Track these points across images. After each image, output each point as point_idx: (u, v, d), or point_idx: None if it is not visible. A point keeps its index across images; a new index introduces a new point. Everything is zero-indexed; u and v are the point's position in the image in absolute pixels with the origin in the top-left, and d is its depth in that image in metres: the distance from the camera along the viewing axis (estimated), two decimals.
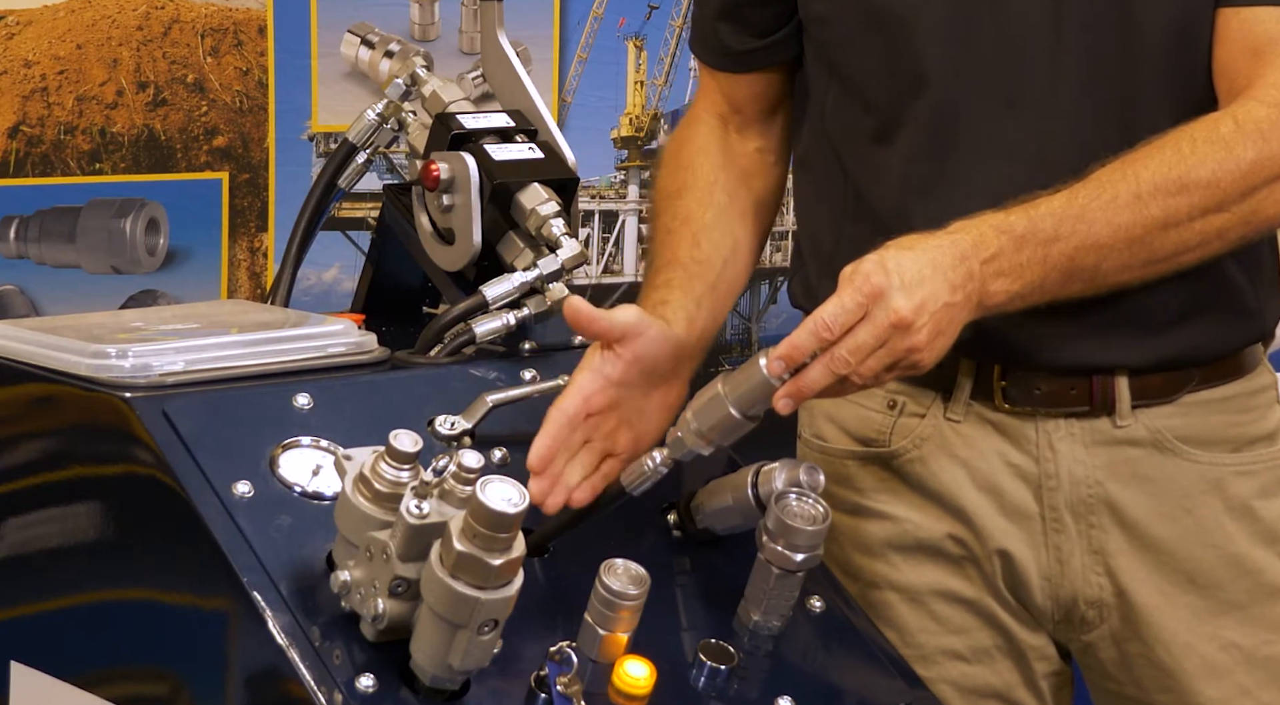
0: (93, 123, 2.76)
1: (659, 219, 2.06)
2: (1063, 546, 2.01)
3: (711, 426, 1.74)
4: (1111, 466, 2.01)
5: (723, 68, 2.12)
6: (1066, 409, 1.99)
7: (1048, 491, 2.01)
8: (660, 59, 3.30)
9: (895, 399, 2.04)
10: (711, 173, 2.09)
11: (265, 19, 2.89)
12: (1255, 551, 2.03)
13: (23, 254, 2.74)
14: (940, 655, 2.04)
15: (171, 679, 1.78)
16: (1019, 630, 2.05)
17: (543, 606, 1.78)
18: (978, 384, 2.00)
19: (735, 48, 2.10)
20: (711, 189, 2.07)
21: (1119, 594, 2.02)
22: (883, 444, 2.06)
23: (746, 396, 1.72)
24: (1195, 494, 2.02)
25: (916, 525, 2.04)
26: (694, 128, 2.14)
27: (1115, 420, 2.00)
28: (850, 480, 2.07)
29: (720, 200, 2.07)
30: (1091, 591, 2.02)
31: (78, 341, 1.86)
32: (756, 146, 2.14)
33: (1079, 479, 2.00)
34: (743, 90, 2.12)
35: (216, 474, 1.73)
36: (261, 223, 2.92)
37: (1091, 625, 2.04)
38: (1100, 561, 2.01)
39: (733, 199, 2.08)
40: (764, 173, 2.14)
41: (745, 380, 1.72)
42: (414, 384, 1.92)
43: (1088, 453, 2.00)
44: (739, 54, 2.10)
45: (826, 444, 2.10)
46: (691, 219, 2.04)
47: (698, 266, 2.00)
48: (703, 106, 2.15)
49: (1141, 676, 2.04)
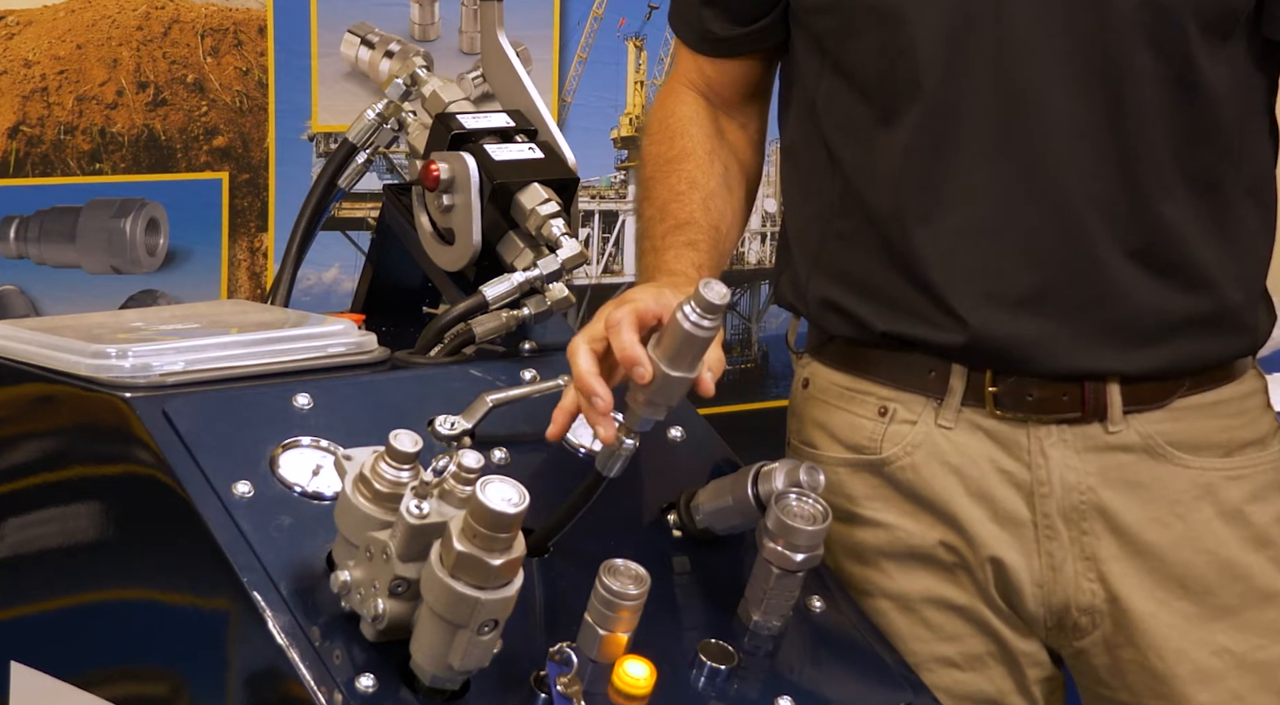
0: (93, 123, 2.76)
1: (662, 181, 2.06)
2: (1055, 553, 2.01)
3: (656, 390, 1.74)
4: (1103, 472, 2.00)
5: (703, 52, 2.12)
6: (1058, 415, 1.99)
7: (1040, 498, 2.00)
8: (660, 59, 3.30)
9: (886, 405, 2.04)
10: (708, 142, 2.09)
11: (265, 19, 2.89)
12: (1247, 556, 2.03)
13: (23, 254, 2.74)
14: (933, 662, 2.04)
15: (171, 679, 1.78)
16: (1012, 637, 2.04)
17: (543, 606, 1.78)
18: (969, 390, 2.00)
19: (718, 33, 2.10)
20: (711, 158, 2.08)
21: (1111, 600, 2.01)
22: (874, 451, 2.05)
23: (674, 353, 1.72)
24: (1187, 499, 2.02)
25: (908, 533, 2.04)
26: (679, 98, 2.13)
27: (1107, 426, 1.99)
28: (841, 488, 2.06)
29: (719, 170, 2.08)
30: (1084, 598, 2.01)
31: (78, 341, 1.86)
32: (741, 122, 2.14)
33: (1071, 485, 2.00)
34: (722, 75, 2.12)
35: (216, 474, 1.73)
36: (261, 223, 2.92)
37: (1084, 631, 2.03)
38: (1092, 568, 2.01)
39: (727, 170, 2.10)
40: (749, 149, 2.14)
41: (670, 337, 1.72)
42: (414, 384, 1.92)
43: (1080, 459, 2.00)
44: (721, 39, 2.10)
45: (817, 451, 2.09)
46: (698, 184, 2.05)
47: (714, 231, 2.02)
48: (681, 81, 2.15)
49: (1134, 682, 2.04)
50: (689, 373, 1.73)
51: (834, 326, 2.06)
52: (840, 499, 2.05)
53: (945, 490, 2.01)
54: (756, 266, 3.44)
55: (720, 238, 2.03)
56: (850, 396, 2.06)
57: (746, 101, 2.15)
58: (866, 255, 2.00)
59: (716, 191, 2.06)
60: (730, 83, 2.13)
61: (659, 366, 1.72)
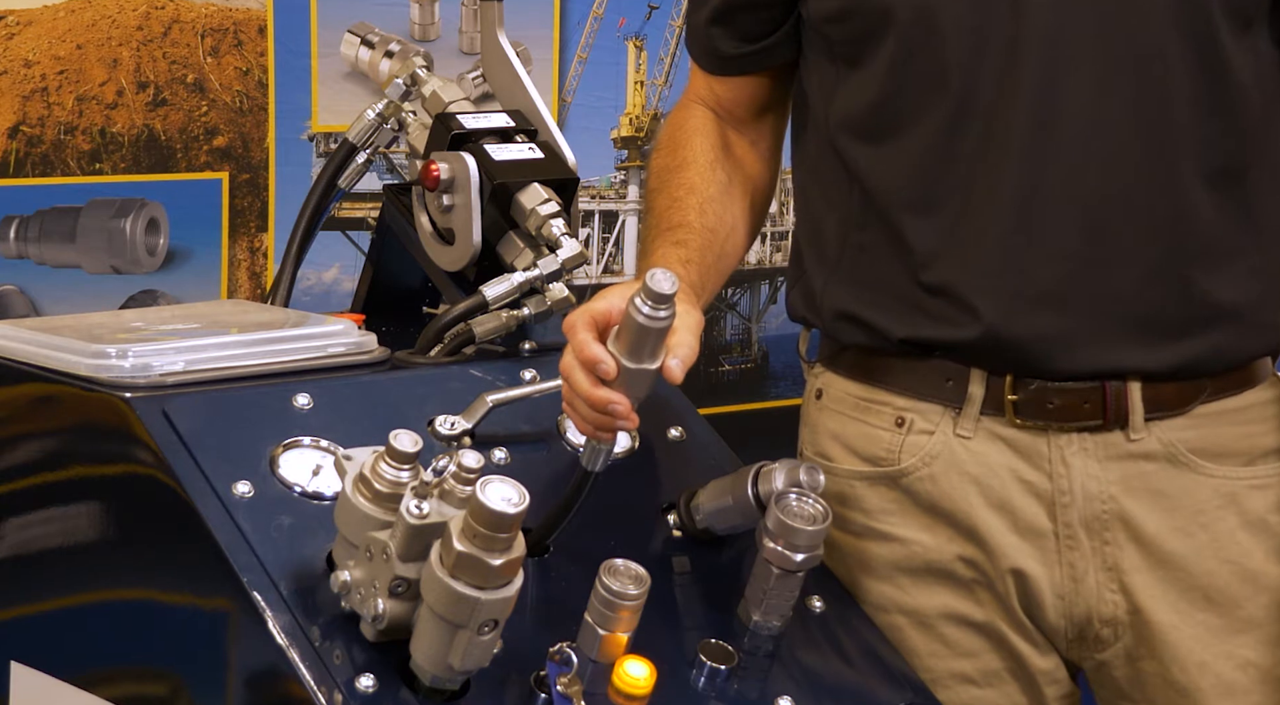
0: (93, 123, 2.76)
1: (663, 191, 2.06)
2: (1076, 564, 1.98)
3: (621, 385, 1.74)
4: (1125, 481, 1.97)
5: (712, 70, 2.12)
6: (1079, 422, 1.96)
7: (1061, 508, 1.97)
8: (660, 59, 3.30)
9: (903, 416, 2.01)
10: (711, 152, 2.09)
11: (265, 19, 2.89)
12: (1272, 567, 2.00)
13: (23, 254, 2.74)
14: (950, 679, 2.01)
15: (171, 679, 1.78)
16: (1030, 653, 2.02)
17: (543, 606, 1.78)
18: (988, 398, 1.97)
19: (726, 51, 2.09)
20: (713, 167, 2.07)
21: (1133, 611, 1.99)
22: (891, 462, 2.02)
23: (632, 346, 1.73)
24: (1210, 509, 1.99)
25: (925, 547, 2.01)
26: (689, 112, 2.13)
27: (1129, 433, 1.97)
28: (857, 502, 2.04)
29: (721, 179, 2.07)
30: (1106, 609, 1.99)
31: (78, 341, 1.86)
32: (751, 139, 2.13)
33: (1093, 494, 1.97)
34: (732, 93, 2.12)
35: (216, 474, 1.73)
36: (261, 223, 2.92)
37: (1106, 643, 2.01)
38: (1114, 578, 1.98)
39: (731, 181, 2.09)
40: (759, 164, 2.13)
41: (625, 331, 1.72)
42: (414, 384, 1.92)
43: (1101, 467, 1.97)
44: (729, 58, 2.10)
45: (832, 464, 2.06)
46: (696, 189, 2.04)
47: (709, 234, 2.01)
48: (692, 98, 2.15)
49: (1156, 696, 2.01)
50: (651, 364, 1.74)
51: (850, 337, 2.03)
52: (856, 513, 2.03)
53: (964, 501, 1.99)
54: (756, 266, 3.44)
55: (716, 240, 2.02)
56: (866, 407, 2.03)
57: (757, 118, 2.14)
58: (886, 263, 1.99)
59: (715, 197, 2.05)
60: (740, 101, 2.12)
61: (620, 361, 1.73)
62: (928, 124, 1.94)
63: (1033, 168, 1.91)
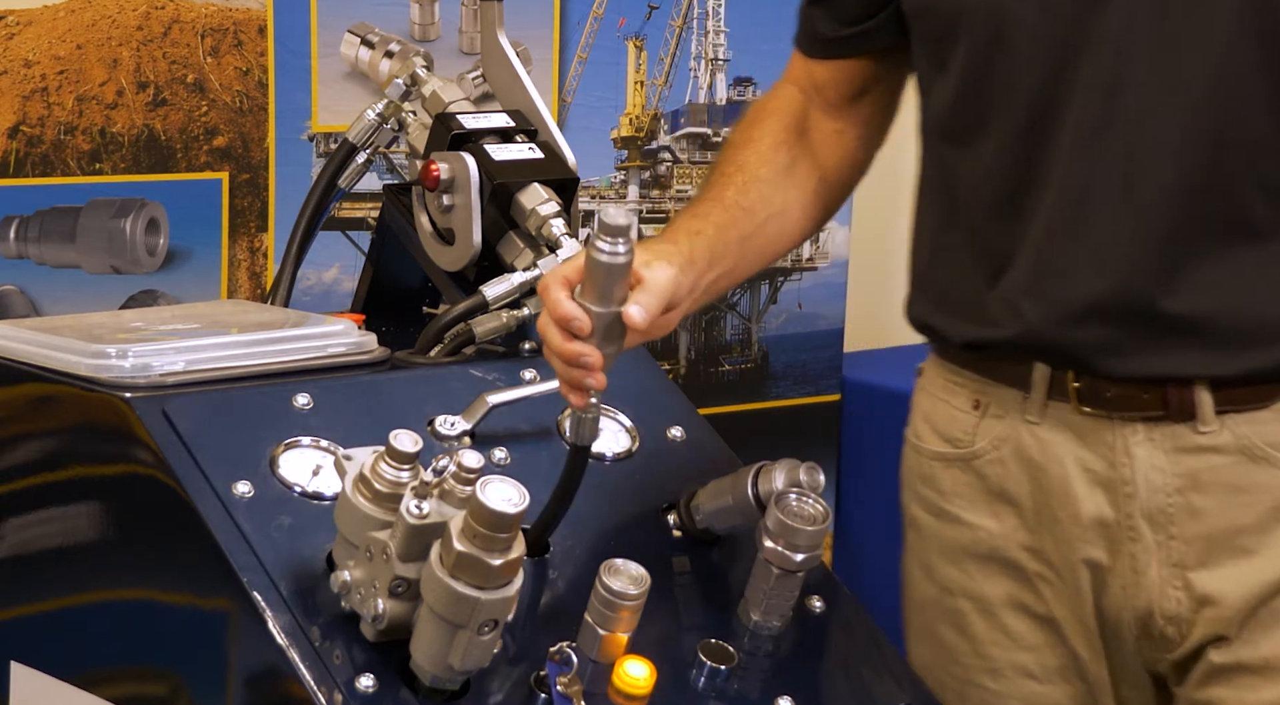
0: (93, 123, 2.76)
1: (718, 167, 2.05)
2: (1139, 556, 1.93)
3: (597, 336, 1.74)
4: (1194, 475, 1.92)
5: (811, 53, 2.08)
6: (1140, 413, 1.92)
7: (1124, 498, 1.93)
8: (660, 59, 3.30)
9: (979, 399, 2.00)
10: (780, 134, 2.06)
11: (265, 19, 2.89)
12: None
13: (23, 254, 2.74)
14: (1010, 670, 2.00)
15: (171, 679, 1.78)
16: (1089, 659, 1.98)
17: (543, 606, 1.78)
18: (1053, 385, 1.94)
19: (825, 33, 2.06)
20: (776, 148, 2.05)
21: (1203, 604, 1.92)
22: (967, 444, 2.01)
23: (599, 290, 1.73)
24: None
25: (991, 534, 2.00)
26: (776, 92, 2.11)
27: (1197, 426, 1.91)
28: (934, 482, 2.04)
29: (782, 161, 2.05)
30: (1169, 606, 1.94)
31: (78, 341, 1.86)
32: (836, 127, 2.09)
33: (1157, 487, 1.92)
34: (826, 75, 2.08)
35: (216, 474, 1.73)
36: (261, 223, 2.92)
37: (1172, 643, 1.95)
38: (1179, 575, 1.93)
39: (795, 164, 2.06)
40: (837, 153, 2.09)
41: (588, 274, 1.72)
42: (414, 384, 1.92)
43: (1167, 459, 1.92)
44: (828, 40, 2.06)
45: (920, 443, 2.06)
46: (746, 168, 2.03)
47: (740, 211, 1.99)
48: (788, 78, 2.12)
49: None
50: (619, 307, 1.73)
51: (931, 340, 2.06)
52: (933, 493, 2.04)
53: (1029, 486, 1.97)
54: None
55: (749, 219, 1.99)
56: (950, 388, 2.03)
57: (849, 104, 2.09)
58: (960, 268, 1.98)
59: (765, 178, 2.02)
60: (833, 83, 2.08)
61: (590, 310, 1.73)
62: (1001, 124, 1.92)
63: (1089, 174, 1.88)
